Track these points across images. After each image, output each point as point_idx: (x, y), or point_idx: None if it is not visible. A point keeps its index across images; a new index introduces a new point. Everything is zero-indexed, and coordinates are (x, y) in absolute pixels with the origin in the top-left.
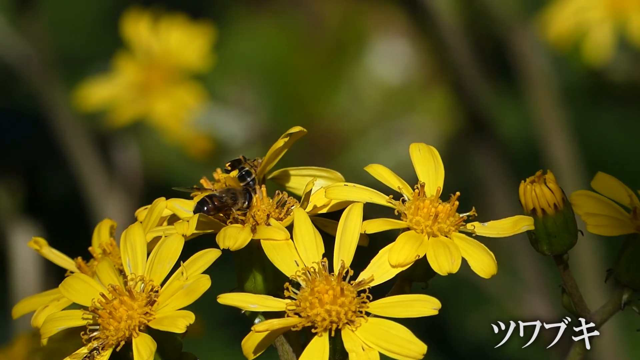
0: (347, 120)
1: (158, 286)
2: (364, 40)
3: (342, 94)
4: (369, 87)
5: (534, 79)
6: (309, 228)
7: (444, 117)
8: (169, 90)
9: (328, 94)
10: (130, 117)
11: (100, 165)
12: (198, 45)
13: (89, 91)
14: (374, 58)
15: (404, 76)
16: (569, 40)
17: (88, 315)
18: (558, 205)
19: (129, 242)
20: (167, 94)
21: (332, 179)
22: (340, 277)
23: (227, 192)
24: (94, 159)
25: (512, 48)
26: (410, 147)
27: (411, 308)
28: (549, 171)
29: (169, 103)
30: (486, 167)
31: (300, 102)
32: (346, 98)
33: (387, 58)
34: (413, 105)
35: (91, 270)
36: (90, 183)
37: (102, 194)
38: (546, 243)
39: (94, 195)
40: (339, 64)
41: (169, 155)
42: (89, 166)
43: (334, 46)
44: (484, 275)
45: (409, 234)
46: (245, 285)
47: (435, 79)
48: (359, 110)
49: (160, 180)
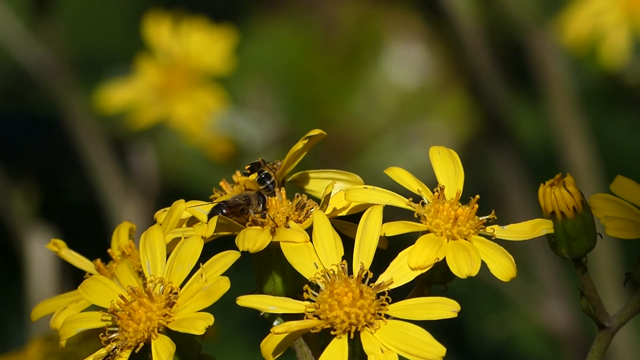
0: (363, 124)
1: (177, 288)
2: (380, 44)
3: (358, 97)
4: (384, 91)
5: (551, 82)
6: (329, 230)
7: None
8: (190, 93)
9: (343, 98)
10: (151, 119)
11: (117, 169)
12: (219, 48)
13: (110, 93)
14: (390, 61)
15: (420, 80)
16: (586, 44)
17: (107, 317)
18: (577, 208)
19: (148, 244)
20: (187, 96)
21: (352, 181)
22: (360, 279)
23: (239, 196)
24: (111, 163)
25: (530, 51)
26: (430, 150)
27: (430, 310)
28: (568, 174)
29: (189, 106)
30: (504, 171)
31: (316, 105)
32: (361, 102)
33: (403, 61)
34: (429, 109)
35: (110, 272)
36: (107, 187)
37: (118, 198)
38: (565, 246)
39: (110, 199)
40: (354, 67)
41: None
42: (106, 170)
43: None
44: (503, 279)
45: (428, 236)
46: (264, 287)
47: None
48: (375, 114)
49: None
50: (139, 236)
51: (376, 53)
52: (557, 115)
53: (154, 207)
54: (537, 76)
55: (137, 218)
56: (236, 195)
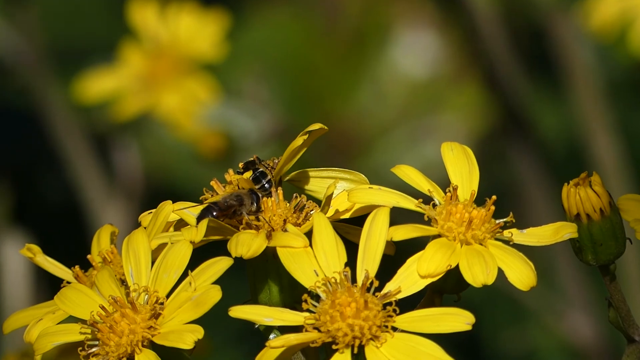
0: (369, 118)
1: (163, 298)
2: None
3: (363, 89)
4: (392, 82)
5: (576, 71)
6: (330, 234)
7: (475, 114)
8: (178, 82)
9: (347, 90)
10: (135, 111)
11: (98, 167)
12: (210, 33)
13: (90, 83)
14: (398, 50)
15: (431, 70)
16: (613, 29)
17: (86, 329)
18: (604, 210)
19: (131, 250)
20: (175, 86)
21: (355, 181)
22: (364, 288)
23: (230, 196)
24: (92, 161)
25: (552, 38)
26: (442, 146)
27: (442, 322)
28: (594, 173)
29: (177, 96)
30: (523, 170)
31: (317, 98)
32: (367, 94)
33: (413, 50)
34: (441, 102)
35: (90, 280)
36: (87, 187)
37: (100, 199)
38: (591, 252)
39: (91, 200)
40: (359, 56)
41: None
42: (86, 168)
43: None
44: (522, 288)
45: (440, 241)
46: (259, 296)
47: (466, 72)
48: (382, 107)
49: (164, 183)
50: (122, 241)
51: (383, 40)
52: (581, 108)
53: (138, 208)
54: (560, 65)
55: (120, 221)
56: (227, 195)
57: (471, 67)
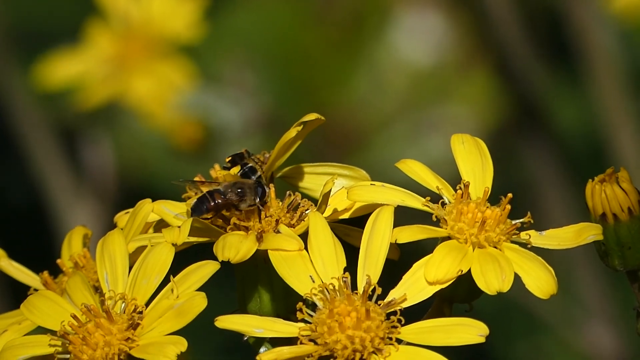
0: (367, 110)
1: (142, 306)
2: (387, 12)
3: (361, 78)
4: (393, 70)
5: (597, 59)
6: (328, 236)
7: (485, 105)
8: (151, 66)
9: (344, 79)
10: (103, 98)
11: (65, 163)
12: (186, 11)
13: (53, 67)
14: (399, 35)
15: (436, 56)
16: (638, 12)
17: (57, 341)
18: (633, 210)
19: (107, 253)
20: (148, 70)
21: (356, 177)
22: (366, 296)
23: (233, 186)
24: (59, 156)
25: (571, 22)
26: (452, 138)
27: (452, 334)
28: (622, 168)
29: (150, 81)
30: (539, 166)
31: (310, 87)
32: (366, 83)
33: (416, 34)
34: (447, 92)
35: (60, 287)
36: (53, 184)
37: (68, 198)
38: (618, 256)
39: (58, 199)
40: (356, 42)
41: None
42: (52, 165)
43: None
44: (541, 296)
45: (449, 244)
46: (249, 305)
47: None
48: (382, 98)
49: (138, 181)
50: (95, 244)
51: (383, 23)
52: (603, 100)
53: (111, 208)
54: (579, 52)
55: (92, 222)
56: (229, 185)
57: (481, 54)
